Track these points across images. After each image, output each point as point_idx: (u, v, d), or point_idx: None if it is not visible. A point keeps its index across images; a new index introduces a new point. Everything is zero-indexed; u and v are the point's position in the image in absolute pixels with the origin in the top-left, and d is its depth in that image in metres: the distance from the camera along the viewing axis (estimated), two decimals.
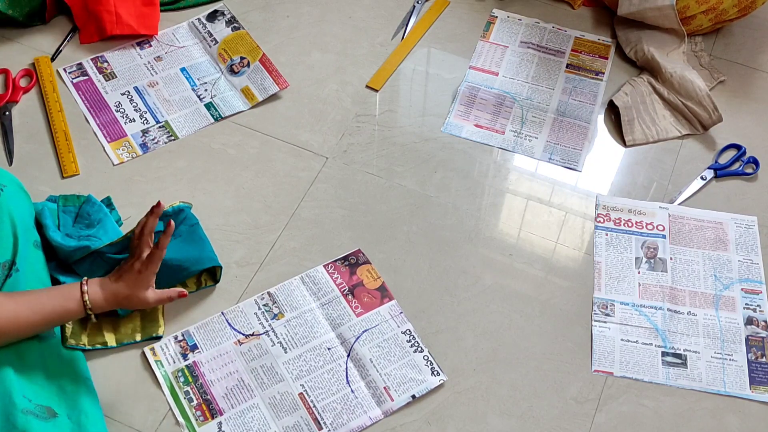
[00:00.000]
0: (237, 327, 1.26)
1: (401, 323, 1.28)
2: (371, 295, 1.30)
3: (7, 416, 1.04)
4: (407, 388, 1.21)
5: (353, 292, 1.30)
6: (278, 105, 1.56)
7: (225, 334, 1.25)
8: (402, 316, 1.28)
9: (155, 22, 1.64)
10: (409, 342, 1.26)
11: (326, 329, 1.26)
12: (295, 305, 1.29)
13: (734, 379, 1.25)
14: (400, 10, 1.73)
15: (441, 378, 1.22)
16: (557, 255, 1.38)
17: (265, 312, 1.27)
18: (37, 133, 1.50)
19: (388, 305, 1.30)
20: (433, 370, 1.23)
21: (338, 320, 1.27)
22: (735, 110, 1.59)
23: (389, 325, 1.27)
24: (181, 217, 1.32)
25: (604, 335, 1.29)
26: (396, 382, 1.22)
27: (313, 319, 1.27)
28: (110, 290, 1.12)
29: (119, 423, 1.17)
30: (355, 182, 1.46)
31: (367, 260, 1.34)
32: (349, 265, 1.33)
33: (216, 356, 1.23)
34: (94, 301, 1.11)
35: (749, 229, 1.42)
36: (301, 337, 1.26)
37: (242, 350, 1.24)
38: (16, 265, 1.16)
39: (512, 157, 1.51)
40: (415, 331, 1.27)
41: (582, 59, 1.66)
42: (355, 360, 1.24)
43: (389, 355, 1.24)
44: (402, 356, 1.24)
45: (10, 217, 1.17)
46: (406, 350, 1.25)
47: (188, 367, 1.21)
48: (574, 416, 1.21)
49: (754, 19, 1.72)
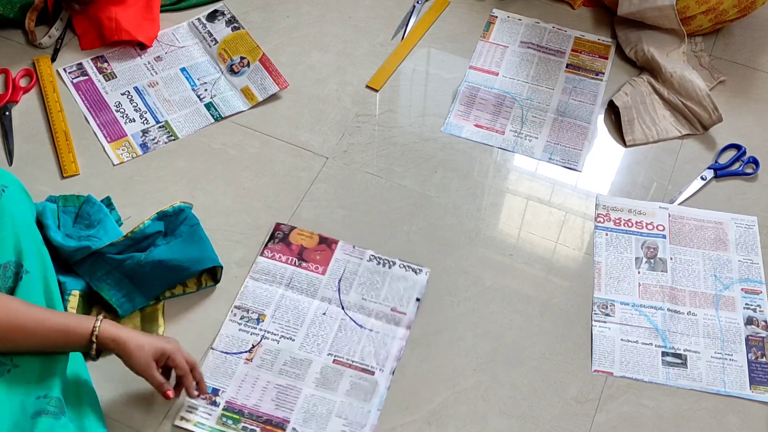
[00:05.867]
0: (235, 350, 1.24)
1: (361, 255, 1.33)
2: (319, 251, 1.34)
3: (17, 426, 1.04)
4: (408, 296, 1.30)
5: (303, 258, 1.33)
6: (278, 105, 1.56)
7: (231, 363, 1.23)
8: (357, 249, 1.34)
9: (154, 34, 1.64)
10: (379, 263, 1.33)
11: (308, 301, 1.29)
12: (266, 301, 1.29)
13: (734, 379, 1.25)
14: (400, 10, 1.73)
15: (425, 270, 1.32)
16: (557, 255, 1.38)
17: (247, 323, 1.27)
18: (37, 133, 1.50)
19: (339, 248, 1.34)
20: (415, 270, 1.32)
21: (311, 288, 1.30)
22: (735, 110, 1.59)
23: (353, 263, 1.33)
24: (182, 217, 1.32)
25: (604, 335, 1.29)
26: (396, 299, 1.30)
27: (291, 302, 1.29)
28: (125, 332, 1.09)
29: (119, 423, 1.17)
30: (355, 182, 1.46)
31: (291, 226, 1.36)
32: (281, 240, 1.35)
33: (241, 384, 1.21)
34: (103, 333, 1.08)
35: (749, 229, 1.42)
36: (294, 321, 1.27)
37: (257, 364, 1.23)
38: (24, 267, 1.16)
39: (512, 157, 1.51)
40: (376, 252, 1.33)
41: (582, 59, 1.66)
42: (351, 307, 1.29)
43: (374, 284, 1.31)
44: (384, 277, 1.32)
45: (12, 218, 1.17)
46: (383, 271, 1.32)
47: (226, 409, 1.19)
48: (574, 416, 1.21)
49: (754, 20, 1.72)
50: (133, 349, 1.08)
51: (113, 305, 1.24)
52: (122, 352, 1.09)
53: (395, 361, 1.24)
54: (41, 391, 1.07)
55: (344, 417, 1.19)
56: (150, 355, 1.09)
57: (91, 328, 1.08)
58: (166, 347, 1.11)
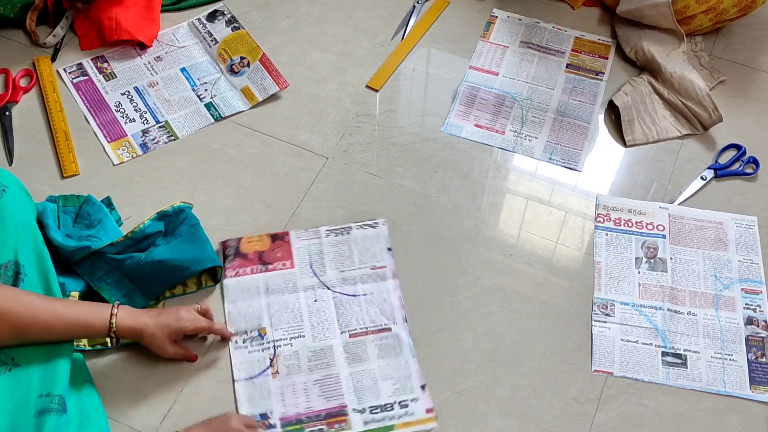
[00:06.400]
0: (257, 372, 1.22)
1: (317, 234, 1.36)
2: (276, 248, 1.35)
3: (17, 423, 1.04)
4: (379, 249, 1.35)
5: (266, 262, 1.33)
6: (278, 105, 1.56)
7: (261, 384, 1.21)
8: (310, 230, 1.36)
9: (154, 34, 1.64)
10: (338, 234, 1.36)
11: (295, 297, 1.30)
12: (257, 315, 1.28)
13: (734, 379, 1.25)
14: (400, 10, 1.73)
15: (381, 221, 1.38)
16: (557, 255, 1.38)
17: (252, 342, 1.25)
18: (37, 133, 1.50)
19: (294, 238, 1.36)
20: (372, 225, 1.37)
21: (290, 284, 1.31)
22: (735, 110, 1.59)
23: (314, 245, 1.35)
24: (182, 217, 1.32)
25: (604, 335, 1.29)
26: (369, 257, 1.34)
27: (279, 305, 1.29)
28: (141, 321, 1.15)
29: (119, 423, 1.17)
30: (355, 182, 1.46)
31: (237, 238, 1.35)
32: (234, 255, 1.33)
33: (282, 397, 1.20)
34: (120, 325, 1.13)
35: (749, 229, 1.42)
36: (294, 320, 1.27)
37: (285, 373, 1.22)
38: (23, 270, 1.16)
39: (512, 157, 1.51)
40: (329, 227, 1.37)
41: (582, 59, 1.66)
42: (335, 284, 1.31)
43: (343, 255, 1.34)
44: (348, 244, 1.35)
45: (13, 218, 1.17)
46: (344, 240, 1.36)
47: (284, 425, 1.17)
48: (574, 416, 1.21)
49: (754, 19, 1.72)
50: (147, 339, 1.17)
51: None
52: (140, 341, 1.19)
53: (402, 309, 1.29)
54: (43, 389, 1.07)
55: (390, 377, 1.22)
56: (163, 339, 1.18)
57: (108, 324, 1.12)
58: (178, 327, 1.18)
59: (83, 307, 1.14)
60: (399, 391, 1.21)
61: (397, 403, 1.20)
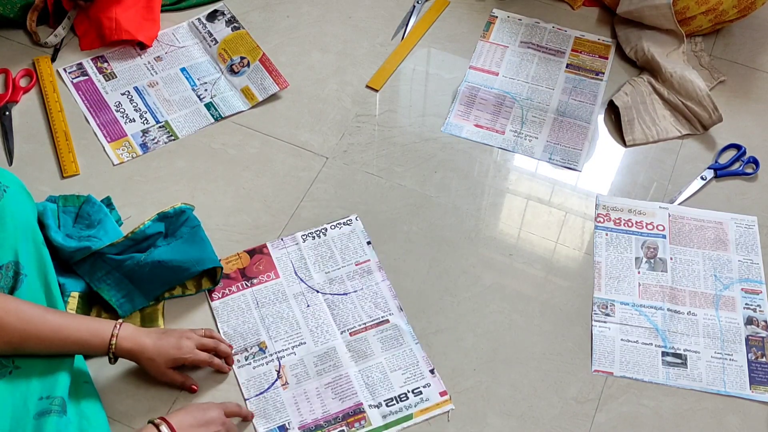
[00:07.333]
0: (267, 386, 1.22)
1: (294, 241, 1.36)
2: (257, 262, 1.34)
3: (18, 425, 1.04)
4: (358, 244, 1.36)
5: (249, 277, 1.33)
6: (278, 105, 1.56)
7: (272, 398, 1.20)
8: (285, 239, 1.36)
9: (154, 34, 1.64)
10: (315, 237, 1.36)
11: (287, 306, 1.30)
12: (254, 330, 1.27)
13: (734, 379, 1.25)
14: (400, 10, 1.73)
15: (353, 217, 1.39)
16: (557, 255, 1.38)
17: (255, 358, 1.24)
18: (37, 133, 1.50)
19: (271, 249, 1.35)
20: (346, 223, 1.38)
21: (279, 295, 1.31)
22: (735, 110, 1.59)
23: (294, 252, 1.35)
24: (183, 218, 1.32)
25: (604, 335, 1.29)
26: (351, 254, 1.35)
27: (274, 316, 1.28)
28: (140, 343, 1.13)
29: (119, 423, 1.17)
30: (355, 182, 1.46)
31: (216, 264, 1.29)
32: (224, 277, 1.32)
33: (297, 407, 1.20)
34: (119, 346, 1.11)
35: (749, 229, 1.42)
36: (291, 328, 1.27)
37: (294, 382, 1.22)
38: (23, 271, 1.15)
39: (512, 157, 1.51)
40: (304, 232, 1.37)
41: (582, 59, 1.66)
42: (324, 287, 1.32)
43: (324, 256, 1.35)
44: (327, 246, 1.36)
45: (13, 219, 1.17)
46: (322, 241, 1.36)
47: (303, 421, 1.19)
48: (574, 416, 1.21)
49: (754, 20, 1.72)
50: (145, 363, 1.15)
51: (113, 306, 1.24)
52: (137, 363, 1.16)
53: (395, 299, 1.30)
54: (44, 392, 1.07)
55: (398, 367, 1.24)
56: (161, 366, 1.15)
57: (107, 342, 1.11)
58: (176, 357, 1.15)
59: (82, 323, 1.11)
60: (410, 379, 1.22)
61: (411, 392, 1.21)
